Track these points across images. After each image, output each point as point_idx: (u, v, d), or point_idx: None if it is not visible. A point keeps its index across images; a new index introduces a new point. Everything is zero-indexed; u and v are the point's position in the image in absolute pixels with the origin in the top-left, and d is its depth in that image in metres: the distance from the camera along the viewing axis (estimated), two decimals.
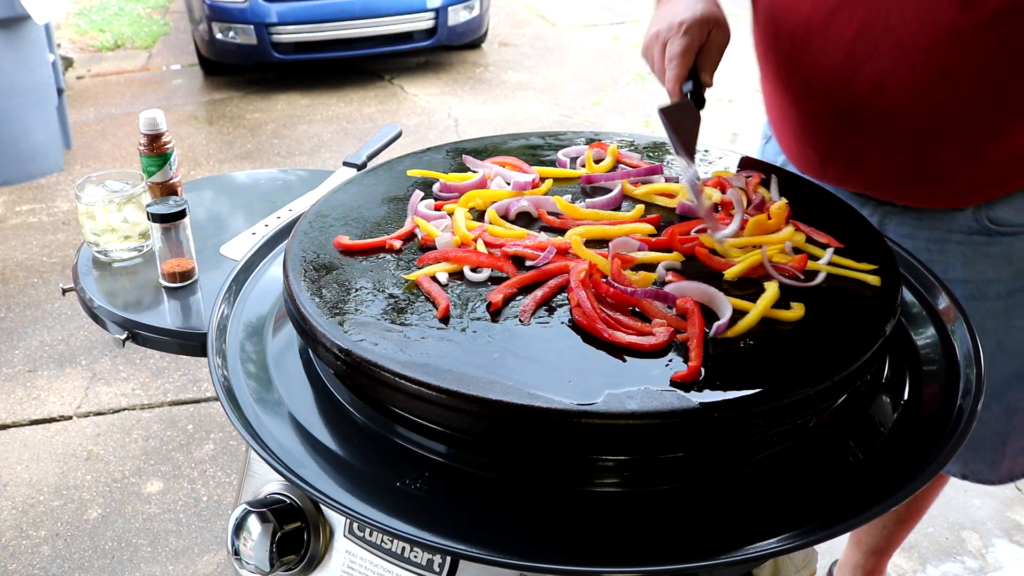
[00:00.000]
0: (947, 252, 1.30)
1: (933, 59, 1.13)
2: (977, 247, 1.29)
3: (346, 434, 0.96)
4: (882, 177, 1.29)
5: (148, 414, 2.92)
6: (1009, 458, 1.45)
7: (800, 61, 1.27)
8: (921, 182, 1.26)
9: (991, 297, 1.31)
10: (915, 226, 1.32)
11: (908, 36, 1.13)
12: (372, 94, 5.95)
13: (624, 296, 0.96)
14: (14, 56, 4.33)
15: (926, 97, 1.16)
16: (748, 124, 5.22)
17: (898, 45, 1.15)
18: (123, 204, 1.48)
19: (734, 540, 0.81)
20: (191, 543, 2.39)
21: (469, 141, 1.43)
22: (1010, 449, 1.44)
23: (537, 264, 1.03)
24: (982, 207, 1.26)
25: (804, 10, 1.23)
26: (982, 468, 1.46)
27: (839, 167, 1.32)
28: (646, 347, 0.89)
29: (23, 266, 3.83)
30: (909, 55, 1.14)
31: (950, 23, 1.10)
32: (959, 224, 1.28)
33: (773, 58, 1.33)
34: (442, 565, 0.93)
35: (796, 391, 0.85)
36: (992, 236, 1.27)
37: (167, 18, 8.05)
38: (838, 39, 1.19)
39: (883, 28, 1.15)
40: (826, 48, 1.21)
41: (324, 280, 1.03)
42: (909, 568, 2.27)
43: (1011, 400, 1.38)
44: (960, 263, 1.30)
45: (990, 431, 1.41)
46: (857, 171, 1.30)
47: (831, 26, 1.20)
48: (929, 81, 1.15)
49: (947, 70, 1.13)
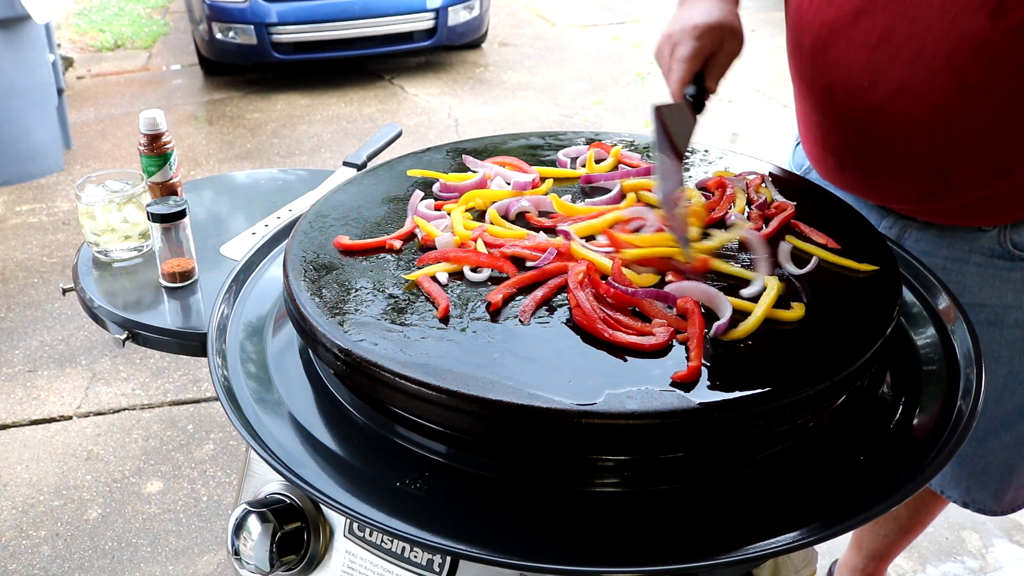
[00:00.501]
0: (965, 273, 1.26)
1: (956, 69, 1.09)
2: (998, 271, 1.25)
3: (346, 434, 0.96)
4: (900, 188, 1.24)
5: (148, 414, 2.92)
6: (1014, 489, 1.42)
7: (823, 65, 1.23)
8: (941, 196, 1.22)
9: (1009, 325, 1.27)
10: (935, 243, 1.28)
11: (931, 43, 1.09)
12: (372, 94, 5.95)
13: (624, 296, 0.96)
14: (14, 56, 4.33)
15: (947, 108, 1.12)
16: (748, 124, 5.22)
17: (920, 53, 1.11)
18: (123, 204, 1.48)
19: (734, 540, 0.81)
20: (191, 543, 2.39)
21: (469, 141, 1.43)
22: (1016, 480, 1.41)
23: (538, 265, 1.03)
24: (1007, 230, 1.22)
25: (829, 13, 1.19)
26: (985, 497, 1.44)
27: (857, 175, 1.28)
28: (646, 347, 0.89)
29: (23, 266, 3.83)
30: (931, 64, 1.10)
31: (976, 32, 1.06)
32: (980, 246, 1.25)
33: (797, 61, 1.30)
34: (442, 565, 0.93)
35: (796, 391, 0.85)
36: (1014, 261, 1.23)
37: (167, 18, 8.05)
38: (860, 44, 1.16)
39: (906, 35, 1.11)
40: (848, 53, 1.18)
41: (324, 280, 1.03)
42: (909, 568, 2.27)
43: (1021, 431, 1.35)
44: (978, 286, 1.26)
45: (996, 461, 1.39)
46: (875, 181, 1.26)
47: (854, 30, 1.16)
48: (950, 92, 1.10)
49: (970, 81, 1.09)
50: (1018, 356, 1.29)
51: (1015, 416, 1.34)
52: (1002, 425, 1.35)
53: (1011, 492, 1.43)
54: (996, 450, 1.37)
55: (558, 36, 7.22)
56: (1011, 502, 1.44)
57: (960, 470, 1.43)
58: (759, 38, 6.87)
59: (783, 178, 1.29)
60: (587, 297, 0.94)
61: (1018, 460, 1.39)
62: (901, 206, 1.28)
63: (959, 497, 1.47)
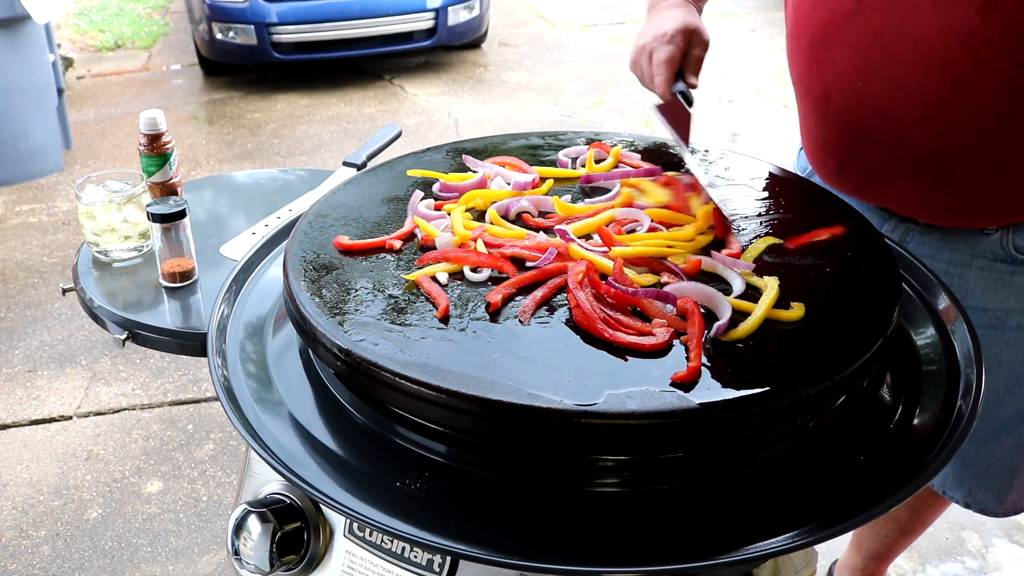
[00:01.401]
0: (968, 277, 1.27)
1: (949, 66, 1.09)
2: (1000, 275, 1.25)
3: (346, 434, 0.96)
4: (900, 189, 1.24)
5: (148, 414, 2.92)
6: (1016, 491, 1.42)
7: (818, 66, 1.24)
8: (940, 196, 1.22)
9: (1011, 328, 1.27)
10: (937, 247, 1.28)
11: (923, 42, 1.10)
12: (372, 94, 5.95)
13: (624, 296, 0.96)
14: (14, 56, 4.33)
15: (941, 106, 1.12)
16: (748, 124, 5.22)
17: (913, 51, 1.11)
18: (123, 204, 1.48)
19: (734, 540, 0.81)
20: (191, 543, 2.39)
21: (469, 141, 1.43)
22: (1018, 482, 1.41)
23: (538, 265, 1.03)
24: (1009, 232, 1.22)
25: (823, 15, 1.21)
26: (988, 498, 1.44)
27: (856, 177, 1.29)
28: (647, 347, 0.89)
29: (23, 266, 3.83)
30: (924, 62, 1.11)
31: (967, 29, 1.06)
32: (983, 249, 1.25)
33: (795, 63, 1.31)
34: (442, 565, 0.93)
35: (796, 391, 0.85)
36: (1017, 265, 1.24)
37: (167, 18, 8.05)
38: (854, 44, 1.17)
39: (898, 34, 1.12)
40: (842, 53, 1.19)
41: (324, 280, 1.03)
42: (909, 568, 2.27)
43: (1022, 434, 1.35)
44: (980, 290, 1.26)
45: (998, 463, 1.39)
46: (875, 182, 1.26)
47: (848, 31, 1.17)
48: (944, 89, 1.11)
49: (963, 78, 1.09)
50: (1020, 360, 1.29)
51: (1016, 420, 1.34)
52: (1003, 428, 1.35)
53: (1013, 494, 1.43)
54: (997, 453, 1.37)
55: (558, 36, 7.22)
56: (1014, 504, 1.44)
57: (962, 471, 1.43)
58: (759, 38, 6.87)
59: (783, 178, 1.29)
60: (587, 297, 0.94)
61: (1020, 463, 1.39)
62: (902, 208, 1.28)
63: (961, 498, 1.46)
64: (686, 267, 1.03)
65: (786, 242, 1.10)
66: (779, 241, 1.10)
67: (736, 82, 5.73)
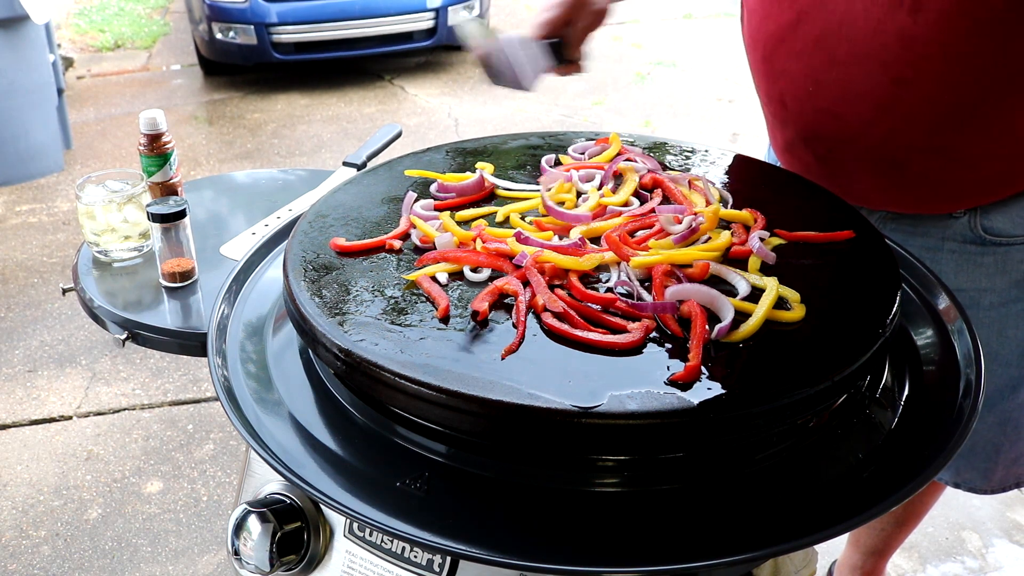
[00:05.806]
0: (940, 261, 1.30)
1: (888, 66, 1.14)
2: (970, 256, 1.29)
3: (346, 434, 0.96)
4: (864, 185, 1.29)
5: (148, 414, 2.92)
6: (1002, 468, 1.44)
7: (772, 75, 1.30)
8: (900, 189, 1.27)
9: (984, 307, 1.31)
10: (909, 233, 1.32)
11: (861, 44, 1.15)
12: (372, 94, 5.95)
13: (595, 296, 0.96)
14: (14, 56, 4.34)
15: (886, 104, 1.17)
16: (748, 124, 5.22)
17: (853, 54, 1.16)
18: (123, 204, 1.48)
19: (734, 540, 0.81)
20: (191, 543, 2.39)
21: (469, 141, 1.43)
22: (1003, 459, 1.43)
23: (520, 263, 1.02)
24: (976, 215, 1.26)
25: (771, 27, 1.26)
26: (974, 477, 1.46)
27: (822, 177, 1.31)
28: (619, 345, 0.89)
29: (23, 266, 3.83)
30: (864, 64, 1.16)
31: (900, 30, 1.11)
32: (953, 232, 1.28)
33: (754, 72, 1.37)
34: (442, 565, 0.93)
35: (796, 391, 0.85)
36: (986, 246, 1.27)
37: (167, 18, 8.05)
38: (799, 52, 1.22)
39: (838, 39, 1.17)
40: (790, 61, 1.24)
41: (324, 280, 1.03)
42: (909, 568, 2.27)
43: (1004, 410, 1.38)
44: (953, 272, 1.30)
45: (983, 440, 1.41)
46: (840, 180, 1.29)
47: (793, 40, 1.22)
48: (887, 88, 1.16)
49: (903, 76, 1.14)
50: (996, 337, 1.32)
51: (996, 397, 1.36)
52: (985, 406, 1.36)
53: (999, 471, 1.45)
54: (980, 430, 1.39)
55: None
56: (1000, 481, 1.46)
57: None
58: None
59: (783, 179, 1.29)
60: (552, 299, 0.94)
61: (1002, 439, 1.41)
62: (871, 202, 1.32)
63: (949, 478, 1.49)
64: (695, 271, 1.02)
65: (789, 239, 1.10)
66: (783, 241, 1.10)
67: (736, 82, 5.72)
